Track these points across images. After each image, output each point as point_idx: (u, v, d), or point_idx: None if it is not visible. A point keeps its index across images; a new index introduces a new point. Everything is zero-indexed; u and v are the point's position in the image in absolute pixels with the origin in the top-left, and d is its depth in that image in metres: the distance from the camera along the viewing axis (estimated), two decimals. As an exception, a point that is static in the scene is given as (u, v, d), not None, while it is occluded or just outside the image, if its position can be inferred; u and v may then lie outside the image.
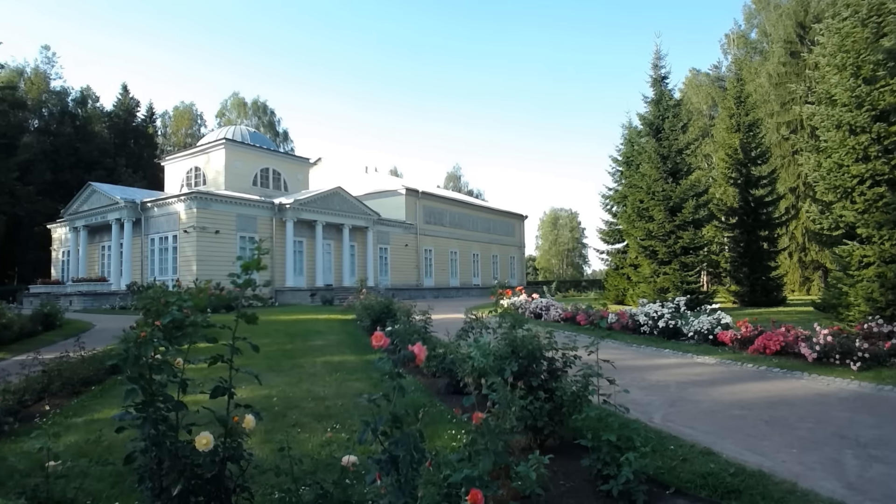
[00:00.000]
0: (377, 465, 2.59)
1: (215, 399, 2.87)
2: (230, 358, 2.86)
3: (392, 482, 2.53)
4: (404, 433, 2.56)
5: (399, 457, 2.51)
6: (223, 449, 2.80)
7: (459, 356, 5.49)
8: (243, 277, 2.96)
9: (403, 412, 2.65)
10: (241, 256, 3.14)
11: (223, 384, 2.88)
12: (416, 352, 2.75)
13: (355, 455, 3.12)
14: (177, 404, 2.77)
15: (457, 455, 3.23)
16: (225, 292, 18.76)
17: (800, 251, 36.05)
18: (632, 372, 8.74)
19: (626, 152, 29.98)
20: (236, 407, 2.92)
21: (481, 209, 48.47)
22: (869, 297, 11.57)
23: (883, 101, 11.66)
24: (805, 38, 36.47)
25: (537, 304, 19.03)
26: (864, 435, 5.31)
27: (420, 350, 2.77)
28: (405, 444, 2.51)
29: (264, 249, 3.06)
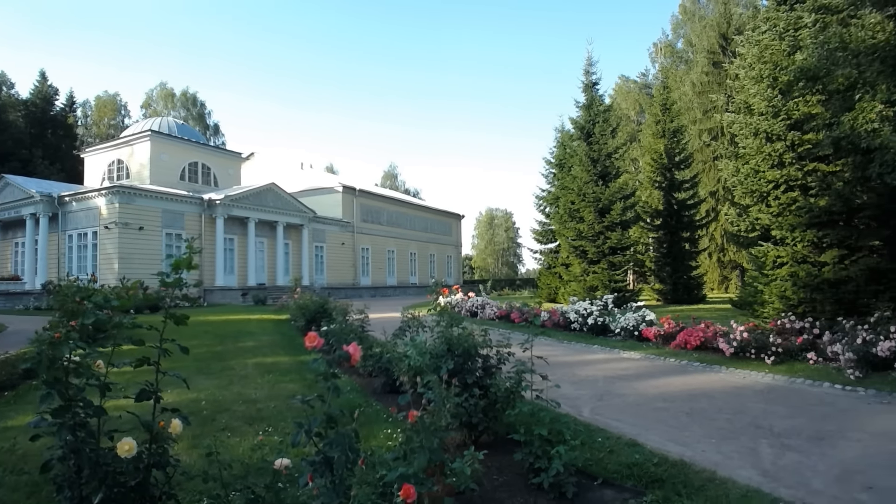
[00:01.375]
0: (311, 466, 2.55)
1: (140, 403, 2.74)
2: (157, 360, 2.74)
3: (325, 483, 2.51)
4: (339, 433, 2.54)
5: (333, 458, 2.49)
6: (148, 455, 2.69)
7: (396, 355, 5.50)
8: (173, 276, 2.84)
9: (338, 412, 2.63)
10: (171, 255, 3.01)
11: (149, 388, 2.76)
12: (352, 351, 2.74)
13: (288, 458, 3.05)
14: (97, 409, 2.62)
15: (392, 454, 3.24)
16: (149, 292, 17.87)
17: (719, 251, 38.35)
18: (563, 367, 9.02)
19: (558, 155, 30.87)
20: (162, 411, 2.80)
21: (419, 208, 48.52)
22: (782, 295, 12.44)
23: (797, 111, 12.57)
24: (727, 49, 38.78)
25: (473, 302, 19.27)
26: (777, 425, 5.72)
27: (355, 350, 2.75)
28: (340, 445, 2.49)
29: (196, 248, 2.94)
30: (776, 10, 13.44)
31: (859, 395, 7.02)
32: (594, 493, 3.93)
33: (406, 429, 3.28)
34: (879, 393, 6.95)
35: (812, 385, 7.67)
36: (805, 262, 12.11)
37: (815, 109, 12.02)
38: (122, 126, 56.39)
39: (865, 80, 8.10)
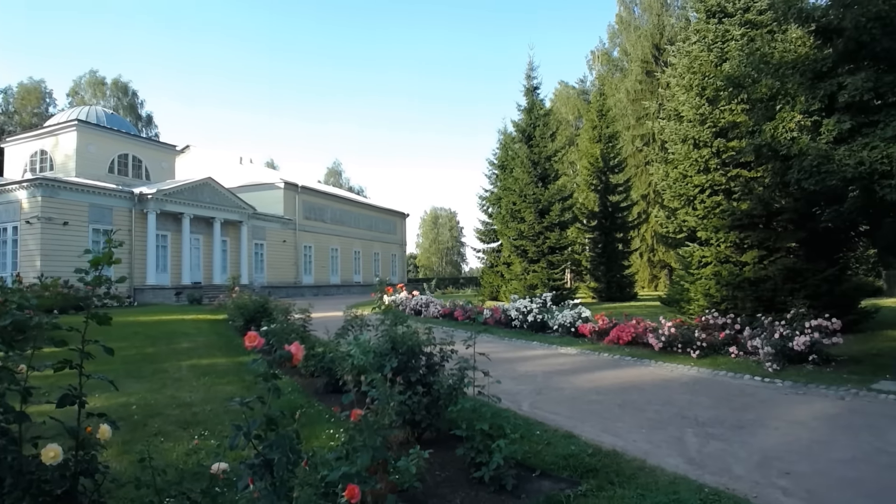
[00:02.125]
0: (250, 469, 2.51)
1: (64, 408, 2.61)
2: (80, 363, 2.61)
3: (266, 486, 2.47)
4: (280, 435, 2.51)
5: (274, 460, 2.46)
6: (75, 462, 2.56)
7: (339, 354, 5.46)
8: (92, 274, 2.70)
9: (279, 414, 2.59)
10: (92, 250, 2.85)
11: (72, 392, 2.62)
12: (294, 351, 2.71)
13: (226, 462, 2.98)
14: (19, 415, 2.48)
15: (335, 454, 3.23)
16: (74, 291, 16.86)
17: (649, 252, 40.09)
18: (504, 364, 9.20)
19: (501, 156, 31.40)
20: (89, 416, 2.67)
21: (363, 206, 48.03)
22: (707, 292, 13.18)
23: (723, 119, 13.33)
24: (659, 59, 40.56)
25: (417, 301, 19.30)
26: (702, 415, 6.07)
27: (297, 349, 2.73)
28: (281, 447, 2.46)
29: (116, 242, 2.80)
30: (706, 23, 14.21)
31: (777, 386, 7.55)
32: (532, 484, 4.05)
33: (349, 428, 3.27)
34: (795, 384, 7.49)
35: (734, 377, 8.18)
36: (728, 262, 12.89)
37: (739, 118, 12.80)
38: (46, 115, 52.48)
39: (786, 91, 8.69)
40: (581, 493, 3.80)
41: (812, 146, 7.56)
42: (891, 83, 7.07)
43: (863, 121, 7.31)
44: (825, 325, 8.57)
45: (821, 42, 8.41)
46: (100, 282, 2.71)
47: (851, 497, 3.80)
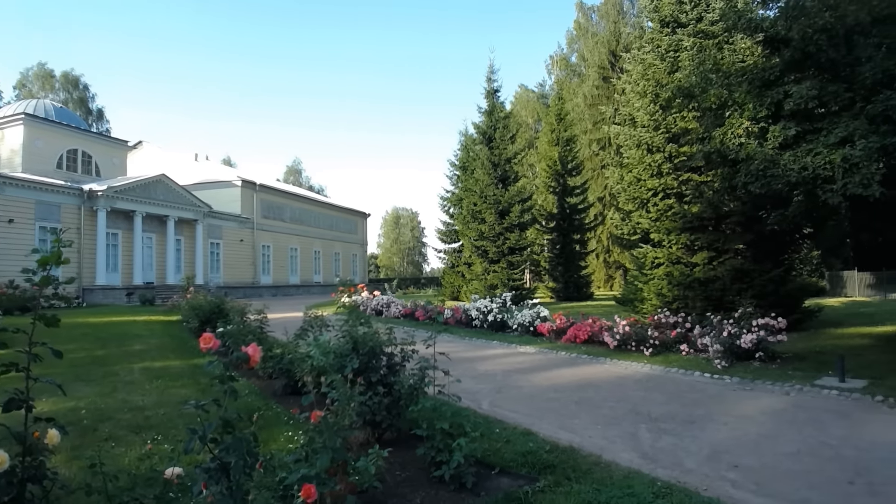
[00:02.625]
0: (206, 474, 2.46)
1: (10, 413, 2.49)
2: (27, 366, 2.50)
3: (221, 490, 2.43)
4: (236, 438, 2.46)
5: (230, 463, 2.41)
6: (21, 469, 2.45)
7: (298, 356, 5.39)
8: (40, 274, 2.59)
9: (236, 416, 2.55)
10: (39, 249, 2.73)
11: (19, 396, 2.51)
12: (251, 353, 2.67)
13: (180, 466, 2.91)
14: (-40, 421, 2.36)
15: (293, 456, 3.19)
16: (20, 291, 16.08)
17: (605, 253, 41.10)
18: (464, 363, 9.26)
19: (462, 157, 31.59)
20: (36, 421, 2.57)
21: (324, 205, 47.40)
22: (659, 292, 13.61)
23: (675, 125, 13.78)
24: (616, 66, 41.60)
25: (378, 301, 19.23)
26: (655, 411, 6.26)
27: (255, 351, 2.69)
28: (237, 450, 2.42)
29: (66, 241, 2.70)
30: (659, 32, 14.66)
31: (725, 382, 7.85)
32: (492, 482, 4.10)
33: (309, 430, 3.24)
34: (743, 380, 7.80)
35: (685, 374, 8.47)
36: (679, 263, 13.36)
37: (690, 125, 13.26)
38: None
39: (735, 99, 9.04)
40: (539, 490, 3.87)
41: (759, 151, 7.91)
42: (834, 92, 7.45)
43: (807, 128, 7.68)
44: (771, 323, 8.96)
45: (769, 52, 8.80)
46: (48, 282, 2.60)
47: (797, 488, 3.97)
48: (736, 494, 3.87)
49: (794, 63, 8.03)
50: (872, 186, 6.56)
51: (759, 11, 9.04)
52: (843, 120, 7.17)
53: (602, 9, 46.64)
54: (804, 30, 7.46)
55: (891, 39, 7.28)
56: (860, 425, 5.56)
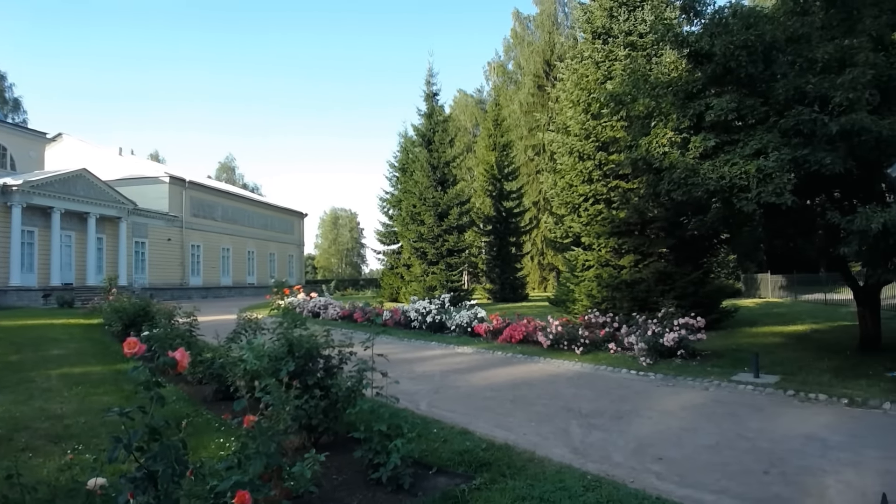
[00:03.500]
0: (131, 483, 2.36)
1: None
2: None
3: (149, 500, 2.34)
4: (164, 445, 2.38)
5: (158, 472, 2.33)
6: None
7: (230, 360, 5.23)
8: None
9: (163, 423, 2.46)
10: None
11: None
12: (179, 357, 2.59)
13: (104, 477, 2.77)
14: None
15: (225, 463, 3.11)
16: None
17: (539, 255, 42.23)
18: (403, 364, 9.27)
19: (402, 159, 31.57)
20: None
21: (258, 204, 45.92)
22: (589, 293, 14.14)
23: (605, 134, 14.37)
24: (550, 74, 42.83)
25: (316, 302, 18.91)
26: (585, 407, 6.50)
27: (183, 355, 2.61)
28: (165, 458, 2.34)
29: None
30: (592, 43, 15.25)
31: (650, 379, 8.25)
32: (429, 481, 4.14)
33: (241, 435, 3.17)
34: (666, 377, 8.23)
35: (613, 371, 8.84)
36: (608, 266, 13.97)
37: (618, 133, 13.87)
38: None
39: (661, 109, 9.52)
40: (475, 487, 3.94)
41: (681, 161, 8.36)
42: (751, 106, 7.97)
43: (726, 139, 8.17)
44: (691, 322, 9.51)
45: (693, 66, 9.30)
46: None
47: (717, 479, 4.22)
48: (660, 486, 4.06)
49: (715, 77, 8.52)
50: (784, 195, 7.06)
51: (686, 27, 9.53)
52: (759, 133, 7.69)
53: (538, 19, 47.91)
54: (726, 46, 7.93)
55: (802, 58, 7.87)
56: (773, 418, 5.96)
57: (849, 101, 7.05)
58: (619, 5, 14.71)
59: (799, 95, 7.62)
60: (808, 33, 8.14)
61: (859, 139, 7.05)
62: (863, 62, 7.29)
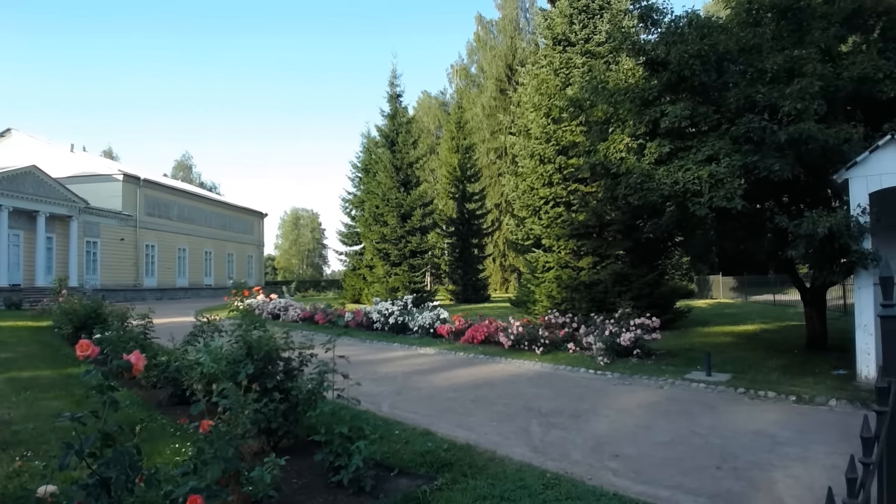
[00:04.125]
0: (83, 490, 2.30)
1: None
2: None
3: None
4: (118, 451, 2.33)
5: (111, 478, 2.27)
6: None
7: (186, 363, 5.11)
8: None
9: (116, 429, 2.40)
10: None
11: None
12: (134, 361, 2.54)
13: (54, 484, 2.68)
14: None
15: (181, 469, 3.04)
16: None
17: (501, 257, 42.65)
18: (365, 366, 9.23)
19: (365, 160, 31.37)
20: None
21: (216, 203, 44.79)
22: (549, 294, 14.39)
23: (565, 138, 14.64)
24: (512, 79, 43.36)
25: (276, 304, 18.63)
26: (545, 406, 6.62)
27: (138, 359, 2.56)
28: (118, 464, 2.29)
29: None
30: (552, 49, 15.53)
31: (608, 378, 8.45)
32: (391, 483, 4.14)
33: (198, 440, 3.10)
34: (622, 376, 8.43)
35: (572, 371, 9.02)
36: (567, 267, 14.25)
37: (578, 138, 14.17)
38: None
39: (618, 115, 9.78)
40: (437, 488, 3.97)
41: (637, 166, 8.61)
42: (704, 114, 8.27)
43: (680, 145, 8.45)
44: (647, 323, 9.79)
45: (649, 73, 9.58)
46: None
47: (671, 475, 4.35)
48: (617, 482, 4.17)
49: (670, 85, 8.79)
50: (735, 200, 7.34)
51: (643, 35, 9.80)
52: (711, 139, 7.97)
53: (500, 24, 48.42)
54: (681, 55, 8.19)
55: (754, 68, 8.20)
56: (725, 416, 6.17)
57: (797, 110, 7.35)
58: (579, 13, 15.02)
59: (749, 104, 7.92)
60: (760, 44, 8.46)
61: (807, 147, 7.36)
62: (811, 73, 7.62)
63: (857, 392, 6.71)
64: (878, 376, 2.09)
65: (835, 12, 8.56)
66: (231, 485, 3.29)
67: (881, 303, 2.26)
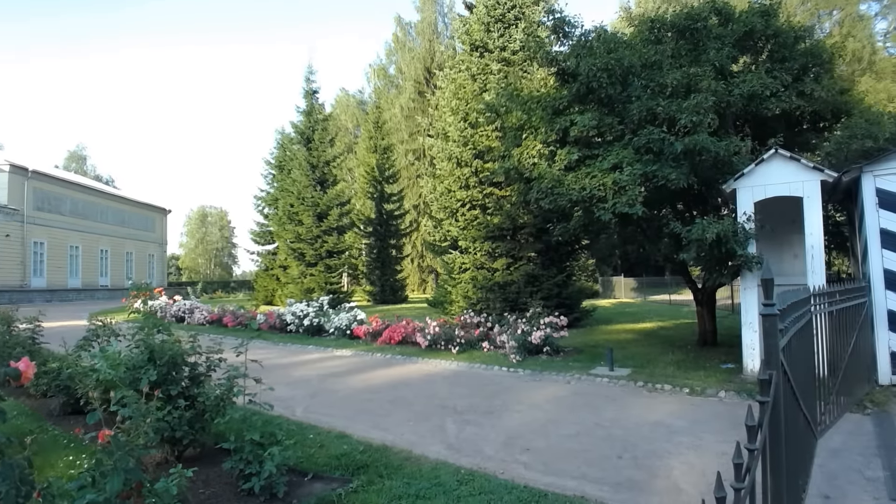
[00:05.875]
0: (-35, 510, 2.12)
1: None
2: None
3: (-14, 526, 2.12)
4: (6, 464, 2.17)
5: (0, 493, 2.11)
6: None
7: (80, 369, 4.75)
8: None
9: (4, 440, 2.24)
10: None
11: None
12: (23, 368, 2.38)
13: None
14: None
15: (77, 482, 2.85)
16: None
17: (419, 258, 42.83)
18: (278, 369, 9.00)
19: (279, 157, 30.40)
20: None
21: (114, 198, 41.53)
22: (466, 295, 14.68)
23: (481, 143, 14.97)
24: (430, 81, 43.66)
25: (180, 306, 17.66)
26: (460, 404, 6.75)
27: (27, 366, 2.40)
28: (8, 478, 2.14)
29: None
30: (470, 54, 15.84)
31: (519, 375, 8.76)
32: (304, 488, 4.10)
33: (96, 451, 2.93)
34: (533, 372, 8.76)
35: (486, 369, 9.26)
36: (483, 268, 14.62)
37: (493, 143, 14.57)
38: None
39: (531, 122, 10.13)
40: (352, 490, 3.98)
41: (548, 172, 8.99)
42: (609, 124, 8.74)
43: (587, 153, 8.90)
44: (555, 321, 10.25)
45: (560, 83, 10.01)
46: None
47: (577, 466, 4.59)
48: (527, 475, 4.35)
49: (580, 96, 9.22)
50: (636, 206, 7.81)
51: (555, 46, 10.22)
52: (616, 149, 8.43)
53: (419, 26, 48.61)
54: (589, 67, 8.62)
55: (655, 83, 8.76)
56: (626, 408, 6.54)
57: (693, 123, 7.89)
58: (495, 21, 15.42)
59: (651, 116, 8.42)
60: (661, 61, 9.04)
61: (700, 158, 7.91)
62: (706, 89, 8.22)
63: (743, 384, 7.21)
64: (760, 369, 2.26)
65: (728, 34, 9.35)
66: (133, 497, 3.13)
67: (762, 302, 2.43)
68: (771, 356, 2.40)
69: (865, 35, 32.89)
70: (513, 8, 15.34)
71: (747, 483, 1.59)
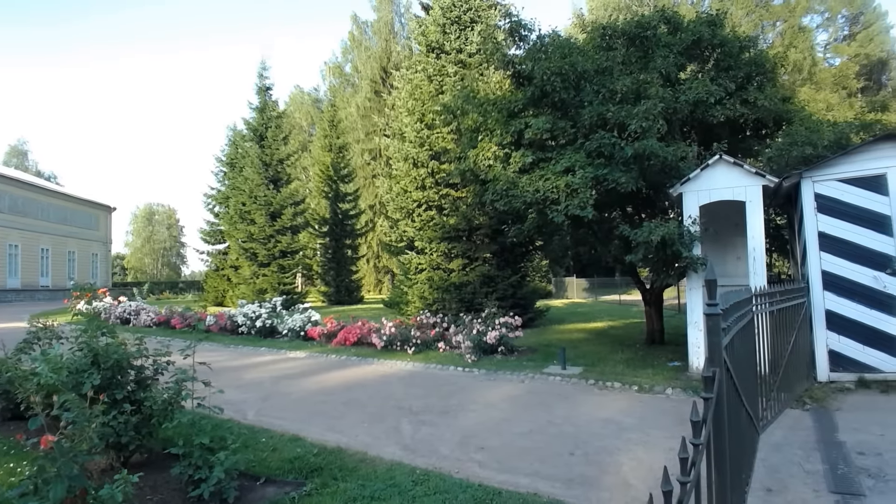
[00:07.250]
0: None
1: None
2: None
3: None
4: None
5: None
6: None
7: (20, 373, 4.54)
8: None
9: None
10: None
11: None
12: (-42, 374, 2.26)
13: None
14: None
15: (19, 489, 2.74)
16: None
17: (375, 258, 42.55)
18: (229, 372, 8.81)
19: (230, 154, 29.59)
20: None
21: (55, 195, 39.41)
22: (422, 295, 14.70)
23: (438, 144, 15.03)
24: (387, 81, 43.42)
25: (125, 307, 17.02)
26: (415, 405, 6.77)
27: (-37, 372, 2.28)
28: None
29: None
30: (426, 56, 15.88)
31: (475, 374, 8.84)
32: (256, 493, 4.04)
33: (38, 458, 2.83)
34: (488, 372, 8.85)
35: (442, 369, 9.31)
36: (439, 269, 14.69)
37: (449, 145, 14.66)
38: None
39: (487, 125, 10.25)
40: (306, 493, 3.95)
41: (503, 174, 9.12)
42: (563, 128, 8.91)
43: (541, 156, 9.05)
44: (510, 321, 10.40)
45: (515, 86, 10.16)
46: None
47: (530, 463, 4.67)
48: (482, 473, 4.41)
49: (534, 99, 9.37)
50: (587, 209, 7.98)
51: (511, 50, 10.36)
52: (568, 152, 8.61)
53: (375, 25, 48.31)
54: (544, 71, 8.78)
55: (606, 89, 8.96)
56: (577, 406, 6.67)
57: (642, 128, 8.12)
58: (452, 23, 15.51)
59: (602, 121, 8.63)
60: (612, 67, 9.28)
61: (649, 162, 8.15)
62: (654, 95, 8.47)
63: (689, 381, 7.44)
64: (704, 367, 2.33)
65: (676, 42, 9.68)
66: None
67: (706, 302, 2.50)
68: (714, 354, 2.47)
69: (807, 46, 34.60)
70: (469, 10, 15.48)
71: (692, 477, 1.65)
